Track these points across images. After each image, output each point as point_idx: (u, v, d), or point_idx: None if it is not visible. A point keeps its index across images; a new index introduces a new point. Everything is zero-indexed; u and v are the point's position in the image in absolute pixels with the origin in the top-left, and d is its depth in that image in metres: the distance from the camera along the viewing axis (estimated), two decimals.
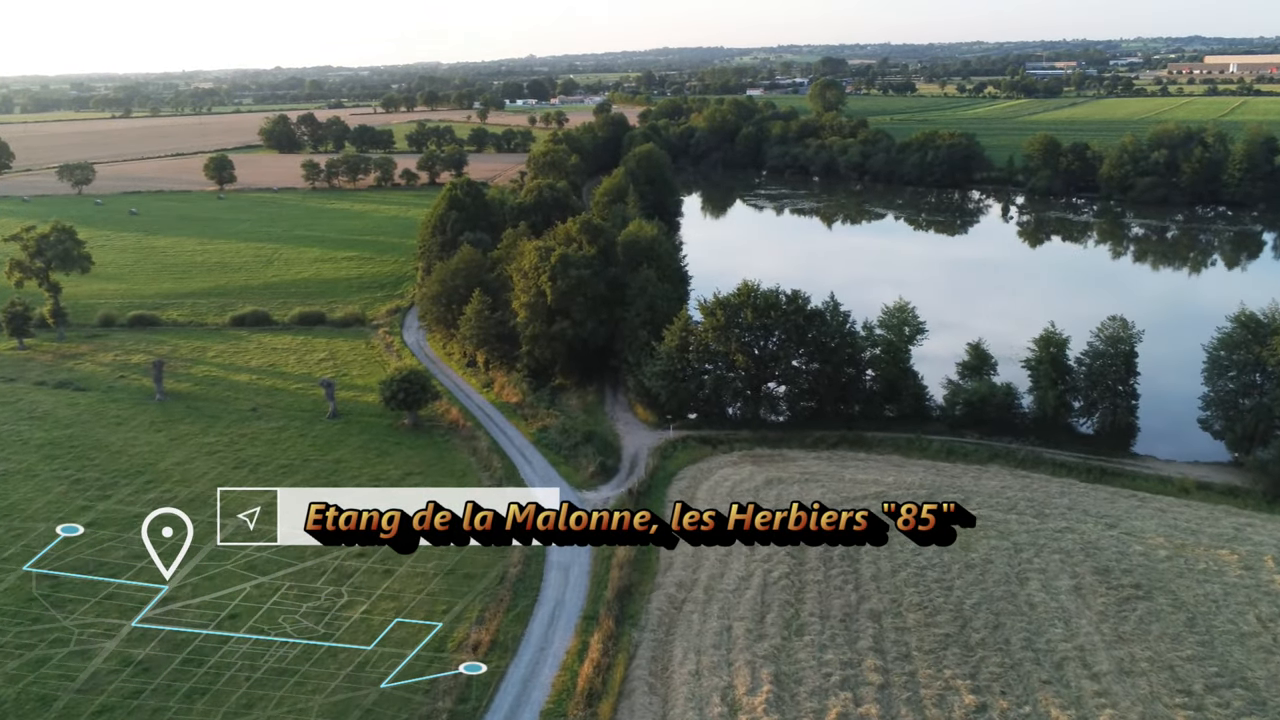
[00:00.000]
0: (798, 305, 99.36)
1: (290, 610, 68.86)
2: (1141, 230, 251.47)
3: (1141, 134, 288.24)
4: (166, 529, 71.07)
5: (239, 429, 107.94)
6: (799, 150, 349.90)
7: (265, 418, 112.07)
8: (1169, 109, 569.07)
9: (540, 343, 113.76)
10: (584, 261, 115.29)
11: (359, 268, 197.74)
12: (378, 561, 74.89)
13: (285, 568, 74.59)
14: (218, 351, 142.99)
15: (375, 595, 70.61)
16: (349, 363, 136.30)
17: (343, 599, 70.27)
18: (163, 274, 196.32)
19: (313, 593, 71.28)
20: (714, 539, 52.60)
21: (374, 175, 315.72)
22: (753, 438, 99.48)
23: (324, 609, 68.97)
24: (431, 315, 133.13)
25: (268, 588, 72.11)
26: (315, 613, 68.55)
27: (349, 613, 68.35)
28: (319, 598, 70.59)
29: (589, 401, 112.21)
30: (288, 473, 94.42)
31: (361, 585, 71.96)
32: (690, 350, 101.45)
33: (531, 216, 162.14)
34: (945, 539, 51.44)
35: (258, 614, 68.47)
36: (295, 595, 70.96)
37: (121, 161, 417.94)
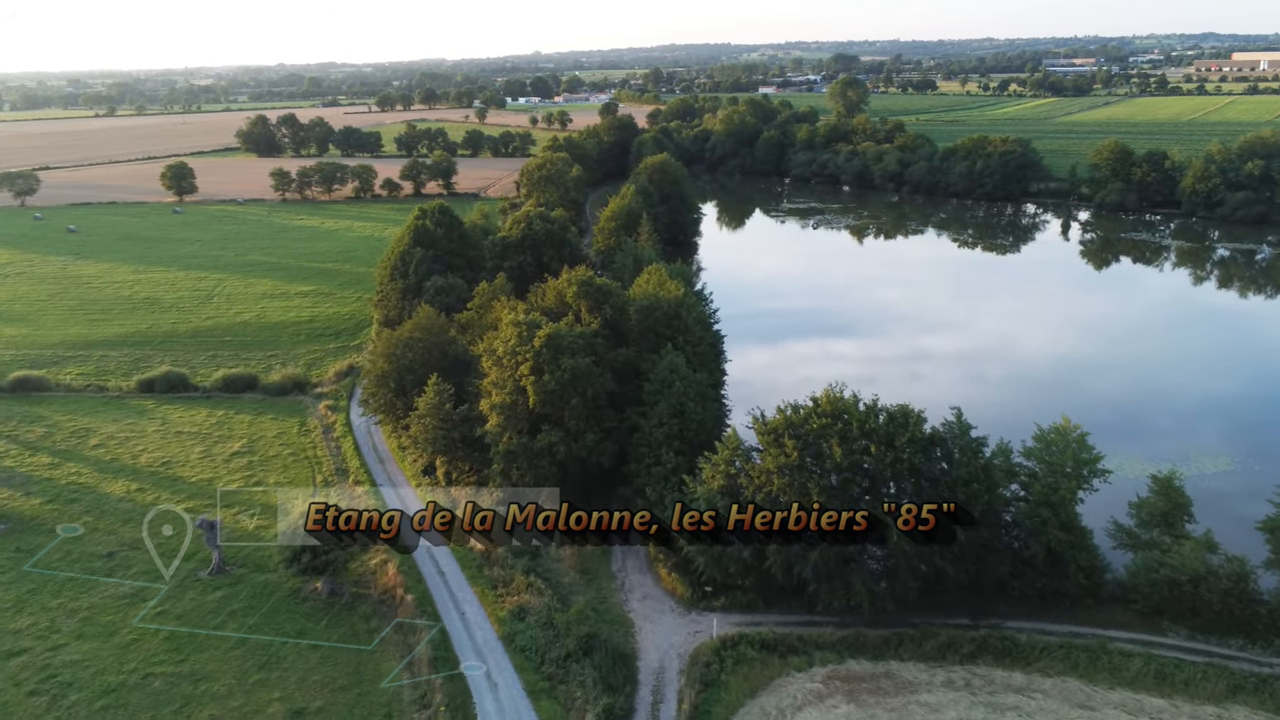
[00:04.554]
0: (910, 430, 64.01)
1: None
2: (1226, 252, 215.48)
3: (1193, 134, 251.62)
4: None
5: (72, 597, 73.21)
6: (828, 157, 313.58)
7: (120, 572, 77.23)
8: (1215, 108, 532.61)
9: (519, 462, 78.75)
10: (583, 343, 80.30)
11: (313, 307, 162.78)
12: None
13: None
14: (104, 437, 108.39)
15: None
16: (269, 460, 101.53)
17: None
18: (76, 314, 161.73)
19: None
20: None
21: (351, 185, 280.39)
22: (841, 638, 64.45)
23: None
24: (377, 401, 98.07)
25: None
26: None
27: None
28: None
29: (589, 552, 77.13)
30: (107, 715, 59.55)
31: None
32: (744, 497, 66.35)
33: (518, 256, 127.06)
34: (946, 539, 55.64)
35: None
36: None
37: (86, 166, 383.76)
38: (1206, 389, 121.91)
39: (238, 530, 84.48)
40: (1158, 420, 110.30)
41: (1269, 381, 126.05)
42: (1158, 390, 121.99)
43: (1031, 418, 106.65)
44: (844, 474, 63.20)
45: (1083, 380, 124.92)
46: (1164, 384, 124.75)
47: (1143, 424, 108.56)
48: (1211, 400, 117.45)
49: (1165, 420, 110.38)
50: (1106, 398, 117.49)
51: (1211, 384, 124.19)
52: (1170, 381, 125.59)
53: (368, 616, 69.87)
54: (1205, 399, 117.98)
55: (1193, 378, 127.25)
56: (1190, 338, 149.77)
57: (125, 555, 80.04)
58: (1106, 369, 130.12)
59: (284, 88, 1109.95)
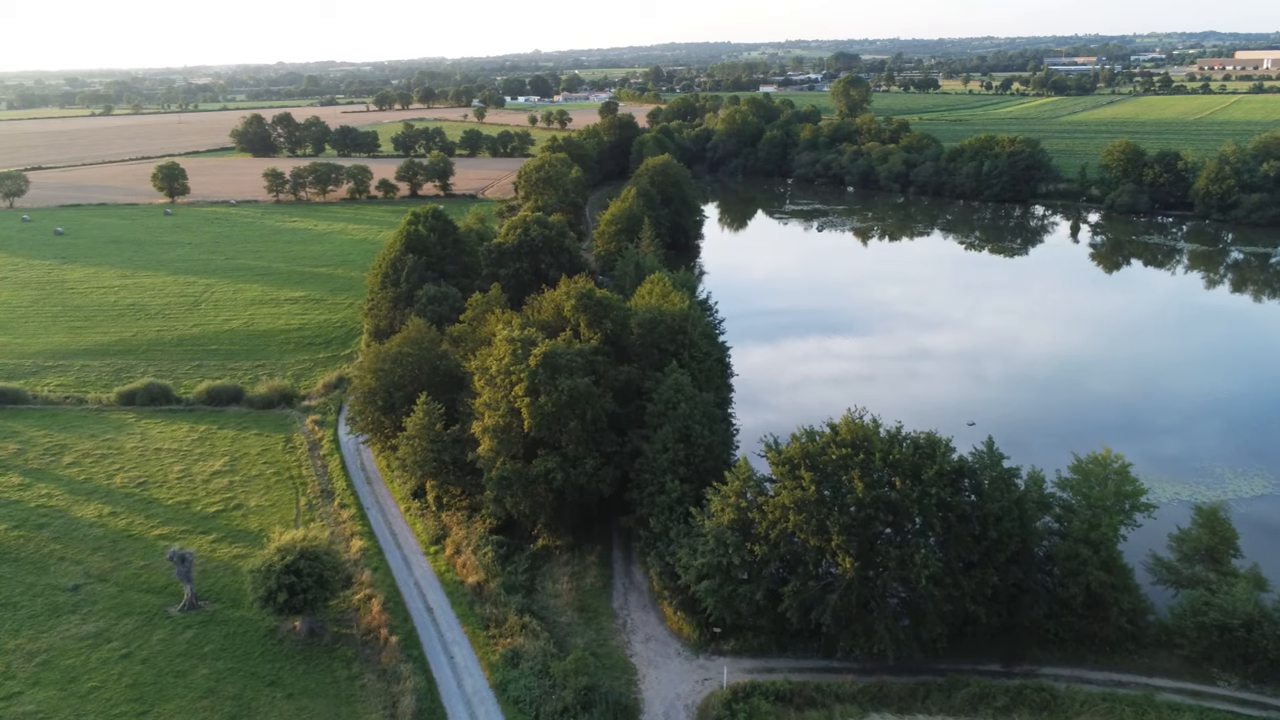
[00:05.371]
0: (938, 462, 58.63)
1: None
2: (1240, 255, 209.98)
3: (1201, 134, 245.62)
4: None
5: (31, 637, 67.88)
6: (831, 157, 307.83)
7: (85, 608, 71.92)
8: (1221, 107, 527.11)
9: (513, 489, 73.38)
10: (582, 362, 74.99)
11: (303, 314, 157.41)
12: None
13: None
14: (79, 454, 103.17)
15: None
16: (250, 480, 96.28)
17: None
18: (60, 321, 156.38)
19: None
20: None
21: (347, 186, 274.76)
22: (863, 688, 59.10)
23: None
24: (363, 419, 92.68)
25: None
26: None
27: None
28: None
29: (588, 586, 71.83)
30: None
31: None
32: (756, 533, 61.09)
33: (514, 263, 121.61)
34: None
35: None
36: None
37: (78, 166, 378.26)
38: (1231, 399, 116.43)
39: (213, 560, 79.27)
40: (1189, 437, 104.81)
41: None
42: (1182, 400, 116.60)
43: (1052, 429, 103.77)
44: (866, 509, 57.85)
45: (1102, 389, 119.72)
46: (1188, 393, 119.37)
47: (1168, 438, 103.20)
48: (1237, 411, 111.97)
49: (1201, 438, 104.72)
50: (1125, 404, 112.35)
51: (1237, 393, 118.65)
52: (1197, 391, 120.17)
53: (349, 661, 64.57)
54: (1230, 410, 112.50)
55: (1214, 385, 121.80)
56: (1207, 343, 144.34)
57: (91, 589, 74.82)
58: (1124, 375, 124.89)
59: (282, 86, 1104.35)
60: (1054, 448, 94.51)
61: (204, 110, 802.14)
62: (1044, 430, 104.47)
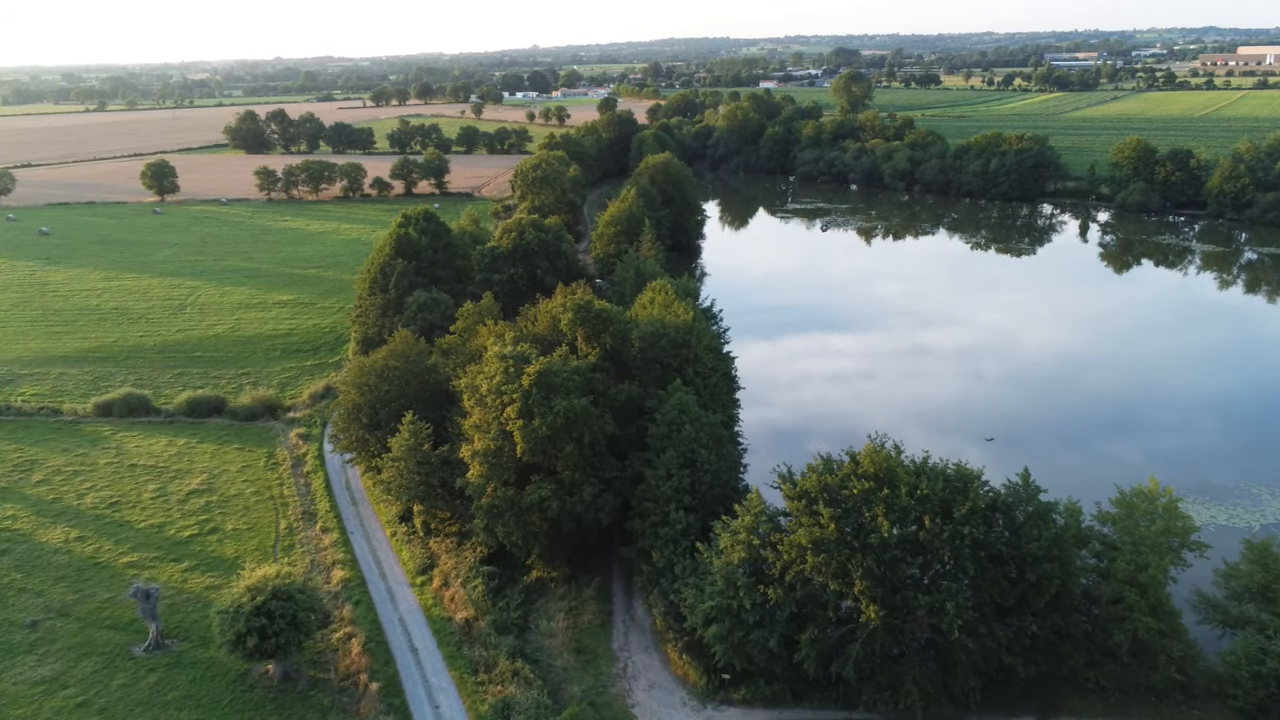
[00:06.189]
0: (971, 499, 53.26)
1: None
2: (1255, 256, 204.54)
3: (1209, 130, 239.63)
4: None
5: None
6: (835, 154, 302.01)
7: (43, 647, 66.54)
8: (1227, 103, 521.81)
9: (504, 519, 67.99)
10: (579, 380, 69.55)
11: (292, 318, 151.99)
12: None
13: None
14: (49, 471, 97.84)
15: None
16: (229, 501, 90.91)
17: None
18: (38, 326, 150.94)
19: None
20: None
21: (340, 185, 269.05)
22: None
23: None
24: (348, 437, 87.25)
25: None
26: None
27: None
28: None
29: (586, 624, 66.45)
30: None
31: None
32: (770, 574, 55.75)
33: (508, 268, 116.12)
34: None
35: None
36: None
37: (69, 163, 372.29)
38: (1263, 411, 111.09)
39: (184, 592, 73.91)
40: (1220, 453, 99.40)
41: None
42: (1208, 411, 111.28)
43: (1089, 452, 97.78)
44: (892, 551, 52.49)
45: (1123, 398, 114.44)
46: (1215, 402, 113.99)
47: (1203, 458, 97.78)
48: (1267, 424, 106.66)
49: (1232, 453, 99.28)
50: (1158, 421, 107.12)
51: (1271, 405, 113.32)
52: (1224, 400, 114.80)
53: (324, 710, 59.19)
54: (1259, 423, 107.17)
55: (1241, 394, 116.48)
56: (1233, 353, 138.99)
57: (50, 625, 69.44)
58: (1147, 383, 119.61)
59: (280, 82, 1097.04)
60: (1078, 456, 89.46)
61: (200, 106, 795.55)
62: (1073, 442, 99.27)
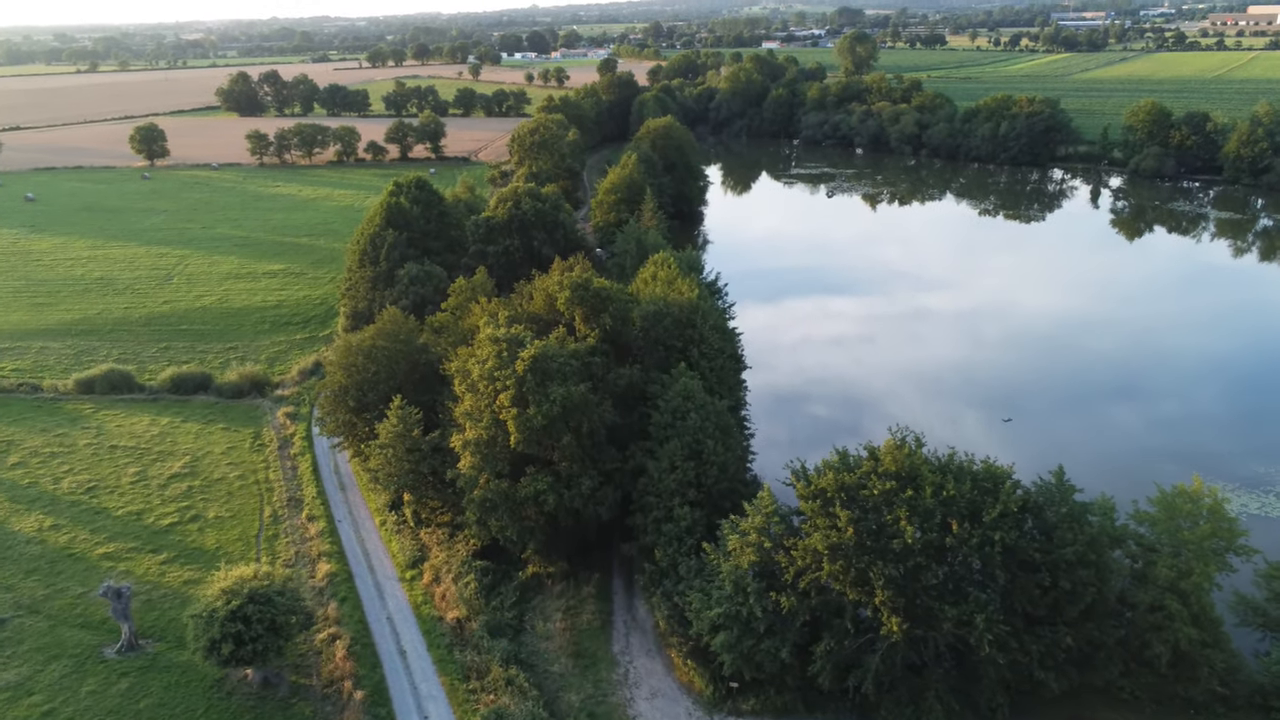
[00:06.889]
0: (1002, 502, 49.09)
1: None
2: (1271, 223, 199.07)
3: (1222, 92, 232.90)
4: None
5: None
6: (840, 118, 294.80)
7: (9, 649, 62.80)
8: (1239, 64, 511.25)
9: (498, 512, 63.93)
10: (577, 365, 65.14)
11: (282, 289, 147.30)
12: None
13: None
14: (26, 453, 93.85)
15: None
16: (212, 485, 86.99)
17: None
18: (20, 298, 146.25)
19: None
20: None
21: (333, 149, 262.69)
22: None
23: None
24: (334, 421, 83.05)
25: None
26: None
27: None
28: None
29: (585, 625, 62.63)
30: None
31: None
32: (783, 580, 51.75)
33: (504, 240, 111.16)
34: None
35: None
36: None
37: (57, 126, 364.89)
38: None
39: (161, 586, 70.12)
40: (1247, 436, 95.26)
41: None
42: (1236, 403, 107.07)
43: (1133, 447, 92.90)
44: (915, 558, 48.43)
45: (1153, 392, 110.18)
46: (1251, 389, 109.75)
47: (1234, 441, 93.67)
48: None
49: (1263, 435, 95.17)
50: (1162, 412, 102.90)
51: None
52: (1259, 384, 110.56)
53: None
54: None
55: None
56: None
57: (19, 623, 65.71)
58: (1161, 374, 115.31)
59: (275, 42, 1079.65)
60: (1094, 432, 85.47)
61: (193, 67, 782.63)
62: (1091, 418, 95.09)
